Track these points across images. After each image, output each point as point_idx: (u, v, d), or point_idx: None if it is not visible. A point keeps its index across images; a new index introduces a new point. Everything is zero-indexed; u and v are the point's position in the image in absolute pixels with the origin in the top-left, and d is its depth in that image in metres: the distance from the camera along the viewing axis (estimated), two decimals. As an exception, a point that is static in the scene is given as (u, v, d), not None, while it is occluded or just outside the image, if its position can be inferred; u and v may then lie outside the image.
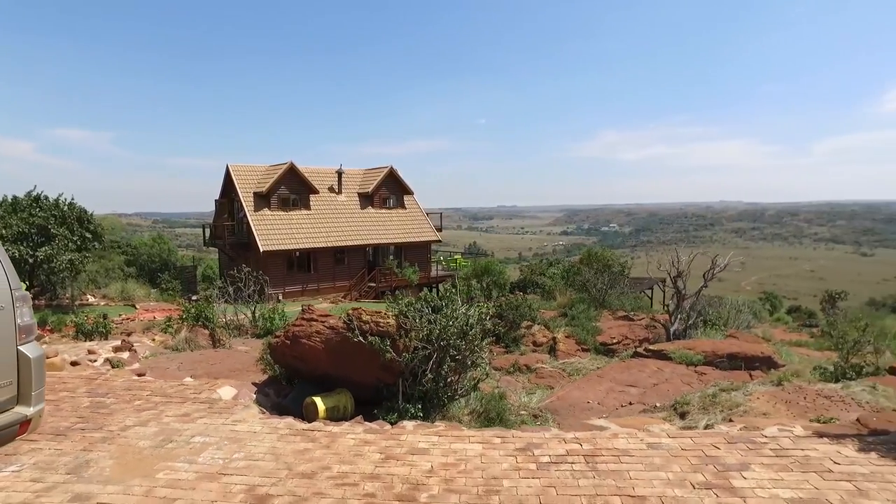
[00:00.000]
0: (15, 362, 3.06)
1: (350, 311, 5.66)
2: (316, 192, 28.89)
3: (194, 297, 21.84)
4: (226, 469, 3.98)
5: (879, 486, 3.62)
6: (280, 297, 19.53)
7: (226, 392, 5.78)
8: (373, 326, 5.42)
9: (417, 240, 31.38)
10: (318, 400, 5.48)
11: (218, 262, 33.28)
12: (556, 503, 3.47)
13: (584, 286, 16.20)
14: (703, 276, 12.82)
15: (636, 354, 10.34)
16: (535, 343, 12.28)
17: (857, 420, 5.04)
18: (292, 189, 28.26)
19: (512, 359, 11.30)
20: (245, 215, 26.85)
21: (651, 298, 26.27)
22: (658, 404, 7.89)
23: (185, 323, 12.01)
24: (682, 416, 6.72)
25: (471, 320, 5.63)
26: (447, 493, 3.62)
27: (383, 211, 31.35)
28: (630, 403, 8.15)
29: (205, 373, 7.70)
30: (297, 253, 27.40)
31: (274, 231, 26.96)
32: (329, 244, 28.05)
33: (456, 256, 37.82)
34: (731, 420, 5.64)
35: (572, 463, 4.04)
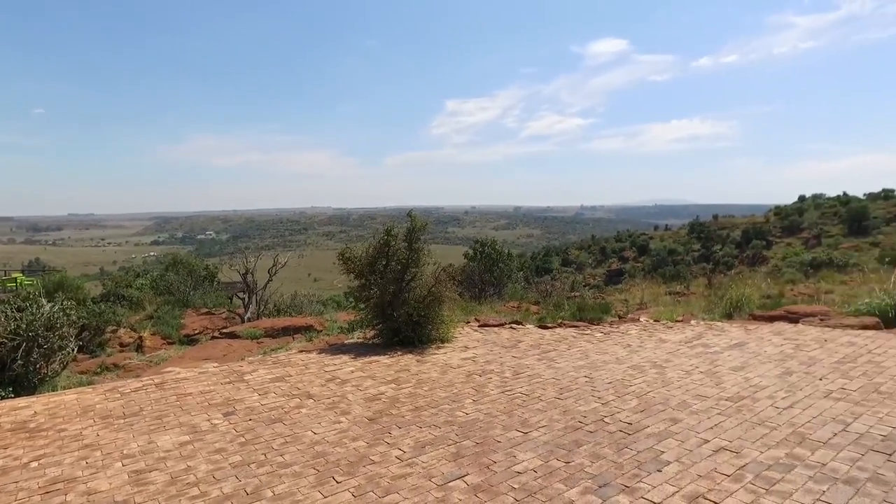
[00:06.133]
0: None
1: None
2: None
3: None
4: None
5: (321, 366, 7.10)
6: None
7: None
8: (-41, 328, 6.39)
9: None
10: None
11: None
12: (133, 408, 5.70)
13: (168, 289, 17.71)
14: (268, 272, 16.13)
15: (213, 338, 12.78)
16: (121, 344, 13.40)
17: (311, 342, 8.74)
18: None
19: (98, 361, 12.24)
20: None
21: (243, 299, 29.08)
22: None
23: None
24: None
25: (57, 314, 7.14)
26: (52, 419, 5.42)
27: None
28: (205, 371, 10.59)
29: None
30: None
31: None
32: None
33: (16, 275, 32.70)
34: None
35: (146, 388, 6.30)
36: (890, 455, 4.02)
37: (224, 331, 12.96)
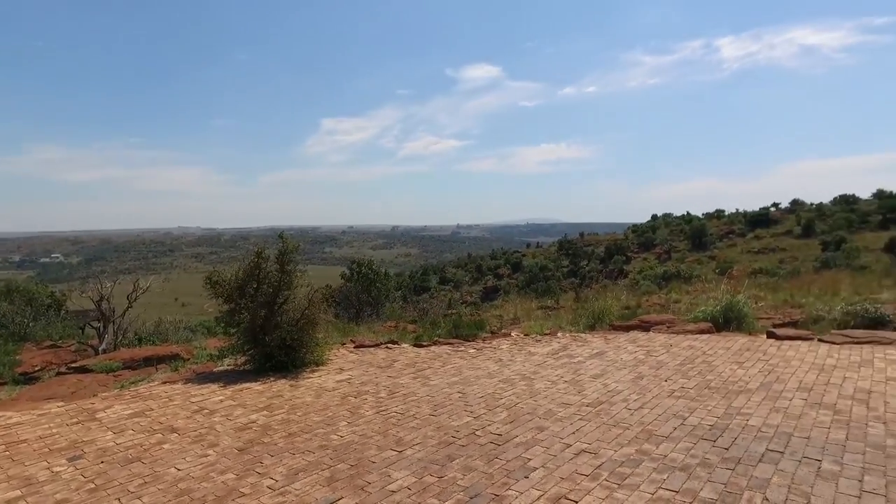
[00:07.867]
0: None
1: None
2: None
3: None
4: None
5: (208, 397, 6.65)
6: None
7: None
8: None
9: None
10: None
11: None
12: (-46, 459, 4.97)
13: (0, 322, 15.63)
14: (128, 297, 14.82)
15: (59, 374, 11.46)
16: (-61, 388, 11.56)
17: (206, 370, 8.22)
18: None
19: None
20: None
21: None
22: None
23: None
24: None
25: None
26: None
27: None
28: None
29: None
30: None
31: None
32: None
33: None
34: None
35: (-29, 437, 5.52)
36: (714, 441, 4.60)
37: (73, 365, 11.64)
